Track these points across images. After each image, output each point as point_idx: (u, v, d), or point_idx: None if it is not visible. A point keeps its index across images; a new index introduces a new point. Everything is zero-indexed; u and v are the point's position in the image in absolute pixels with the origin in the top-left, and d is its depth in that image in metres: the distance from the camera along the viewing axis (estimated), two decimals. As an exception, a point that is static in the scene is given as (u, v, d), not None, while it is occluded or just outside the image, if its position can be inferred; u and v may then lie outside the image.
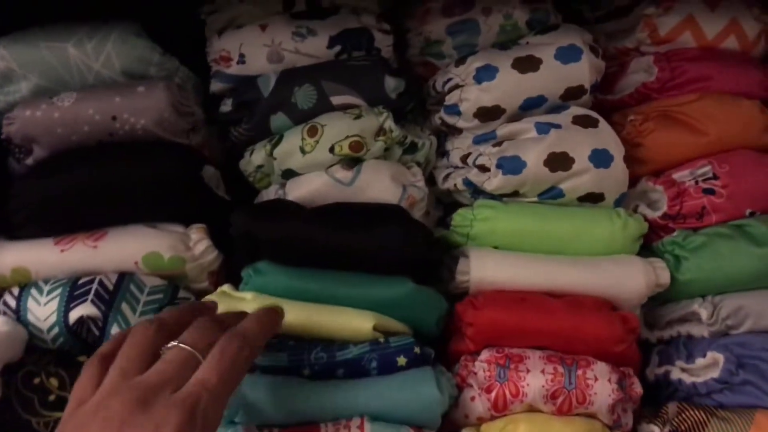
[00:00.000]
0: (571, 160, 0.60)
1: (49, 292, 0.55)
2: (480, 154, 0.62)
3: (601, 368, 0.56)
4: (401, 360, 0.55)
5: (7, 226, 0.59)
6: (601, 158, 0.60)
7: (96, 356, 0.45)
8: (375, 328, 0.55)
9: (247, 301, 0.55)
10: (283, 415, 0.52)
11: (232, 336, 0.45)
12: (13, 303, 0.56)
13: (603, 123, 0.63)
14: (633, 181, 0.64)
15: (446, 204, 0.68)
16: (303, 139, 0.60)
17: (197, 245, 0.59)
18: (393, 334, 0.56)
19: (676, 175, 0.63)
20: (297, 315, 0.55)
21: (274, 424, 0.52)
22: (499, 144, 0.62)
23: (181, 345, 0.44)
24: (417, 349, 0.55)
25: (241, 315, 0.50)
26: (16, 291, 0.56)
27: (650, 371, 0.63)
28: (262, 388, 0.52)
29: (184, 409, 0.40)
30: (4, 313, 0.56)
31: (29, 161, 0.59)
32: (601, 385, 0.55)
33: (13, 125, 0.58)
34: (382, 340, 0.56)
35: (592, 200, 0.62)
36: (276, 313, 0.52)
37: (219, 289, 0.58)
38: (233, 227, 0.58)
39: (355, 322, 0.55)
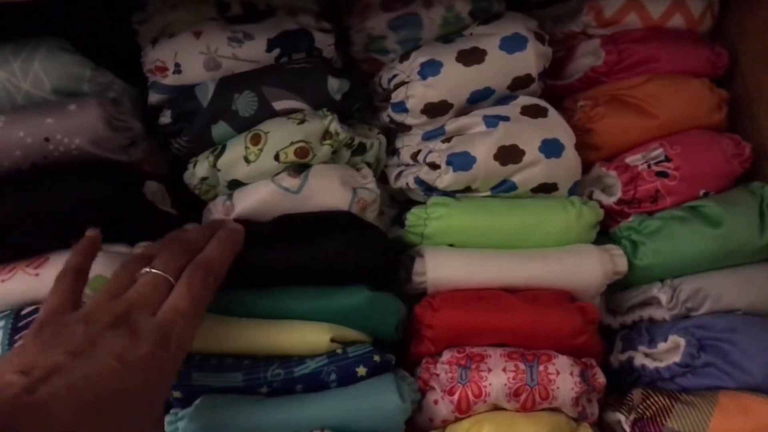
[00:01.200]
0: (522, 152, 0.59)
1: (-9, 326, 0.54)
2: (430, 151, 0.61)
3: (562, 362, 0.55)
4: (361, 370, 0.54)
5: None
6: (551, 148, 0.59)
7: (64, 271, 0.50)
8: (333, 340, 0.54)
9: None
10: None
11: (197, 265, 0.50)
12: (-46, 339, 0.54)
13: (552, 111, 0.62)
14: (586, 167, 0.63)
15: (401, 201, 0.67)
16: (246, 147, 0.59)
17: (144, 264, 0.57)
18: (352, 344, 0.55)
19: (629, 159, 0.63)
20: (251, 333, 0.54)
21: None
22: (449, 140, 0.60)
23: (153, 270, 0.49)
24: (377, 357, 0.54)
25: (209, 229, 0.54)
26: (-44, 326, 0.54)
27: (614, 358, 0.62)
28: (218, 406, 0.51)
29: (161, 331, 0.45)
30: (-54, 350, 0.54)
31: (-40, 189, 0.57)
32: (563, 379, 0.54)
33: (-60, 153, 0.55)
34: (340, 351, 0.54)
35: (545, 191, 0.61)
36: (237, 232, 0.54)
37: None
38: None
39: (311, 335, 0.54)
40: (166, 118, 0.62)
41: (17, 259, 0.56)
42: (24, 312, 0.54)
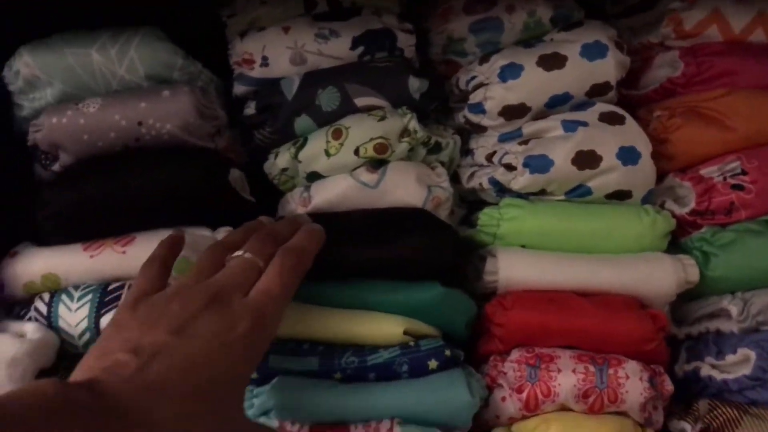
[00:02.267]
0: (599, 158, 0.59)
1: (79, 299, 0.56)
2: (506, 153, 0.62)
3: (632, 366, 0.55)
4: (432, 364, 0.55)
5: (35, 232, 0.59)
6: (628, 155, 0.60)
7: (153, 259, 0.51)
8: (405, 332, 0.55)
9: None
10: (314, 414, 0.53)
11: (287, 251, 0.51)
12: (44, 309, 0.56)
13: (629, 119, 0.62)
14: (659, 177, 0.64)
15: (470, 202, 0.67)
16: (328, 141, 0.60)
17: (224, 248, 0.59)
18: (423, 338, 0.56)
19: (704, 171, 0.63)
20: (328, 321, 0.55)
21: (306, 422, 0.53)
22: (526, 142, 0.61)
23: (244, 255, 0.50)
24: (447, 352, 0.55)
25: (293, 223, 0.56)
26: (46, 297, 0.57)
27: (679, 368, 0.62)
28: (294, 388, 0.53)
29: (255, 313, 0.46)
30: (36, 320, 0.56)
31: (56, 167, 0.59)
32: (632, 383, 0.55)
33: (39, 132, 0.58)
34: (412, 343, 0.56)
35: (619, 197, 0.61)
36: (320, 230, 0.55)
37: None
38: None
39: (385, 327, 0.55)
40: (250, 109, 0.63)
41: (106, 237, 0.58)
42: (111, 287, 0.56)
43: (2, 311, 0.58)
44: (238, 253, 0.51)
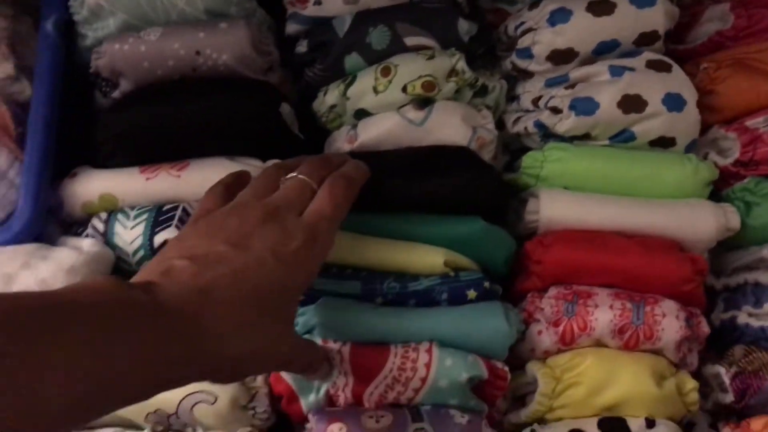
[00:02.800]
0: (645, 103, 0.60)
1: (135, 218, 0.58)
2: (552, 97, 0.62)
3: (668, 305, 0.56)
4: (471, 294, 0.56)
5: (95, 156, 0.62)
6: (674, 102, 0.60)
7: (219, 183, 0.54)
8: (446, 263, 0.57)
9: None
10: (356, 333, 0.54)
11: (339, 175, 0.53)
12: (101, 227, 0.59)
13: (676, 68, 0.63)
14: (704, 130, 0.64)
15: (513, 150, 0.68)
16: (376, 78, 0.62)
17: (273, 179, 0.61)
18: (463, 270, 0.58)
19: (750, 122, 0.63)
20: (372, 249, 0.57)
21: (348, 340, 0.54)
22: (572, 86, 0.62)
23: (299, 176, 0.52)
24: (486, 284, 0.57)
25: (341, 156, 0.58)
26: (104, 216, 0.59)
27: (715, 317, 0.63)
28: (337, 308, 0.55)
29: (309, 231, 0.47)
30: (93, 237, 0.58)
31: (115, 94, 0.62)
32: (668, 321, 0.55)
33: (101, 59, 0.60)
34: (452, 274, 0.57)
35: (663, 145, 0.62)
36: (366, 166, 0.57)
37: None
38: None
39: (426, 257, 0.57)
40: (302, 47, 0.65)
41: (162, 162, 0.60)
42: (165, 208, 0.58)
43: (61, 230, 0.61)
44: (292, 174, 0.52)
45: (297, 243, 0.46)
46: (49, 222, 0.61)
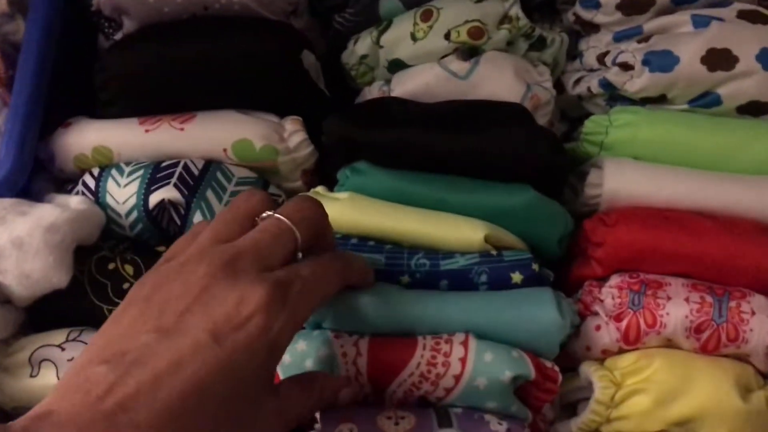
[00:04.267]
0: (735, 59, 0.50)
1: (129, 174, 0.51)
2: (622, 51, 0.53)
3: (759, 301, 0.46)
4: (516, 277, 0.47)
5: (92, 106, 0.55)
6: (772, 59, 0.50)
7: (201, 221, 0.43)
8: (487, 240, 0.47)
9: (342, 201, 0.49)
10: (375, 323, 0.45)
11: (340, 253, 0.43)
12: (92, 184, 0.51)
13: (774, 20, 0.52)
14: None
15: (573, 119, 0.59)
16: (415, 24, 0.53)
17: (292, 137, 0.53)
18: (507, 248, 0.48)
19: None
20: (398, 219, 0.48)
21: (366, 331, 0.46)
22: (646, 39, 0.53)
23: (278, 216, 0.39)
24: (535, 266, 0.47)
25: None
26: (96, 172, 0.52)
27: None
28: (353, 292, 0.46)
29: (272, 288, 0.35)
30: (83, 194, 0.51)
31: (118, 36, 0.55)
32: (758, 320, 0.45)
33: (103, -6, 0.53)
34: (494, 252, 0.48)
35: (754, 112, 0.52)
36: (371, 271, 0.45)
37: (312, 191, 0.52)
38: (326, 134, 0.51)
39: (464, 231, 0.47)
40: (332, -11, 0.57)
41: (165, 112, 0.53)
42: (163, 165, 0.51)
43: (53, 187, 0.54)
44: (269, 213, 0.39)
45: (251, 308, 0.34)
46: (41, 178, 0.55)
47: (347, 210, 0.47)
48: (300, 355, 0.45)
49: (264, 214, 0.39)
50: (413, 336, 0.45)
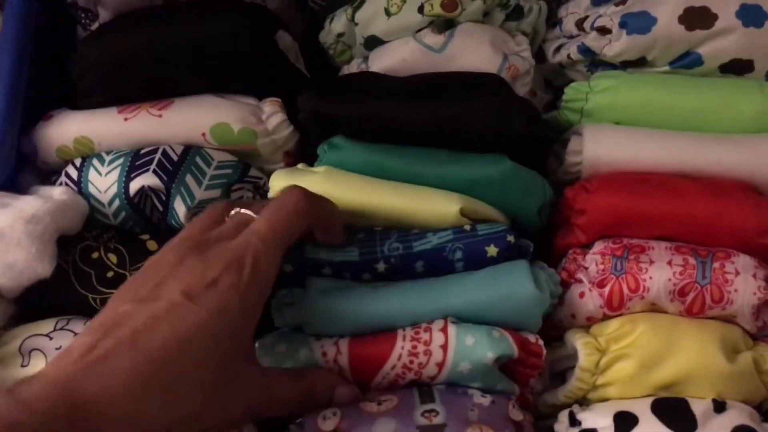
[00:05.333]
0: (713, 16, 0.49)
1: (110, 162, 0.51)
2: (600, 15, 0.52)
3: (744, 261, 0.45)
4: (491, 250, 0.46)
5: (72, 97, 0.55)
6: (752, 15, 0.50)
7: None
8: (462, 213, 0.47)
9: (319, 175, 0.48)
10: (355, 325, 0.45)
11: (289, 195, 0.43)
12: (74, 174, 0.52)
13: (755, -25, 0.51)
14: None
15: (557, 87, 0.58)
16: (389, -1, 0.53)
17: (270, 119, 0.52)
18: (484, 221, 0.48)
19: None
20: (372, 194, 0.47)
21: (345, 333, 0.45)
22: (624, 2, 0.52)
23: (243, 210, 0.43)
24: (510, 238, 0.46)
25: None
26: (78, 162, 0.52)
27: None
28: (330, 295, 0.45)
29: (233, 251, 0.39)
30: (66, 184, 0.52)
31: (95, 27, 0.55)
32: (743, 280, 0.44)
33: (76, -16, 0.53)
34: (468, 227, 0.47)
35: (737, 71, 0.51)
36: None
37: (293, 167, 0.52)
38: (301, 110, 0.51)
39: (439, 205, 0.47)
40: (306, -32, 0.57)
41: (143, 100, 0.53)
42: (143, 152, 0.51)
43: (39, 180, 0.55)
44: (237, 209, 0.43)
45: (217, 270, 0.38)
46: (25, 172, 0.55)
47: (322, 184, 0.47)
48: (280, 356, 0.45)
49: (232, 212, 0.43)
50: (393, 330, 0.45)
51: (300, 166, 0.51)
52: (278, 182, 0.49)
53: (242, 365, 0.39)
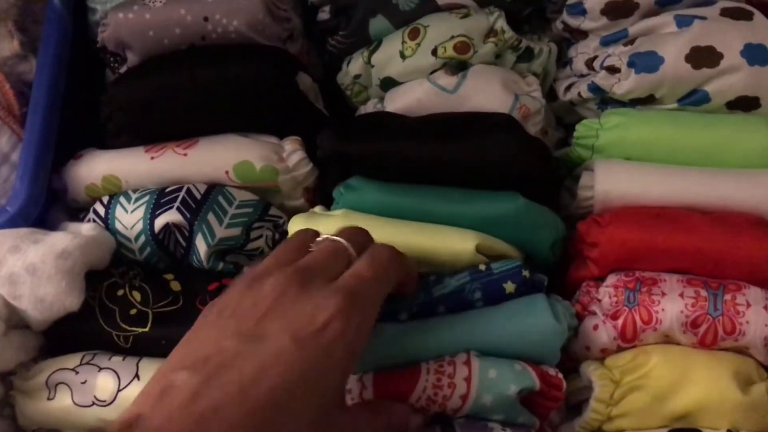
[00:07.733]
0: (719, 56, 0.51)
1: (136, 200, 0.53)
2: (609, 55, 0.54)
3: (754, 293, 0.46)
4: (509, 286, 0.47)
5: (100, 138, 0.57)
6: (756, 54, 0.51)
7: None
8: (478, 250, 0.48)
9: (336, 218, 0.50)
10: (378, 358, 0.46)
11: (384, 245, 0.43)
12: (102, 211, 0.54)
13: (759, 16, 0.53)
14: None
15: (567, 125, 0.60)
16: (403, 42, 0.55)
17: (291, 156, 0.54)
18: (499, 258, 0.49)
19: None
20: (390, 234, 0.48)
21: (369, 368, 0.46)
22: (632, 42, 0.53)
23: (332, 237, 0.42)
24: (525, 273, 0.47)
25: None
26: (105, 200, 0.54)
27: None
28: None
29: (343, 295, 0.37)
30: (94, 221, 0.54)
31: (123, 70, 0.57)
32: (754, 312, 0.45)
33: (106, 30, 0.56)
34: (483, 267, 0.48)
35: (744, 107, 0.52)
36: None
37: (310, 211, 0.53)
38: (320, 148, 0.53)
39: (455, 242, 0.48)
40: (324, 14, 0.59)
41: (169, 140, 0.55)
42: (168, 189, 0.53)
43: (67, 216, 0.57)
44: (326, 236, 0.43)
45: (327, 314, 0.36)
46: (56, 209, 0.57)
47: (339, 227, 0.48)
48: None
49: (318, 239, 0.43)
50: (417, 365, 0.45)
51: (317, 209, 0.53)
52: (296, 226, 0.50)
53: (338, 414, 0.38)
